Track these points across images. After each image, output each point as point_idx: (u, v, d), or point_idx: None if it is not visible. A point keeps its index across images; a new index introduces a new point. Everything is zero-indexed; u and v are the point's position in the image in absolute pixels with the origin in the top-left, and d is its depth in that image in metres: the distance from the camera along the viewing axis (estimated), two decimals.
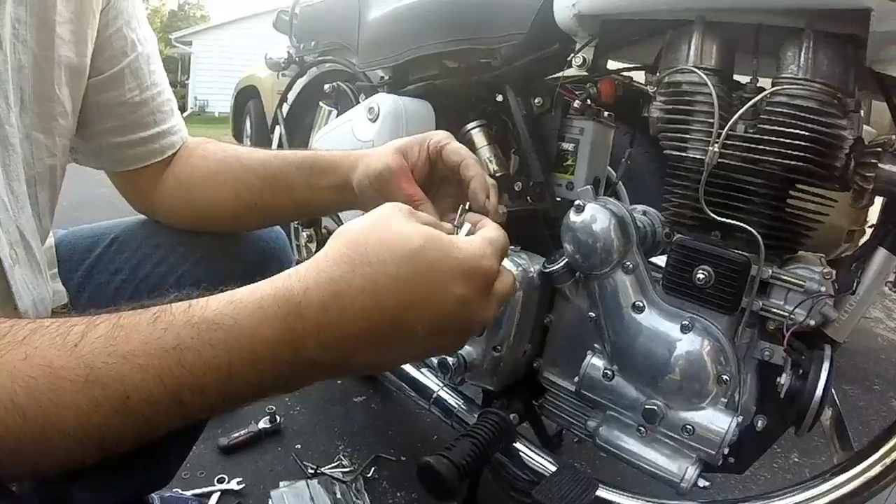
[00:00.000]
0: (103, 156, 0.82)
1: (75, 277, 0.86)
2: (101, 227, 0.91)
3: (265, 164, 0.83)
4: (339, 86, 1.37)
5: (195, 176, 0.85)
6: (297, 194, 0.82)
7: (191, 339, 0.42)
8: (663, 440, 0.89)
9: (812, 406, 0.74)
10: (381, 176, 0.73)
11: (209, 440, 1.50)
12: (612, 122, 1.17)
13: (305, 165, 0.82)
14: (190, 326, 0.42)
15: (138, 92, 0.80)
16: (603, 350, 0.95)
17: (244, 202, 0.84)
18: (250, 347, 0.42)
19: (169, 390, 0.41)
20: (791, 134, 0.77)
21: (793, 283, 0.79)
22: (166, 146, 0.85)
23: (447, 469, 0.86)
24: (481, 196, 0.70)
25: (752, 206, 0.81)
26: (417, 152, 0.75)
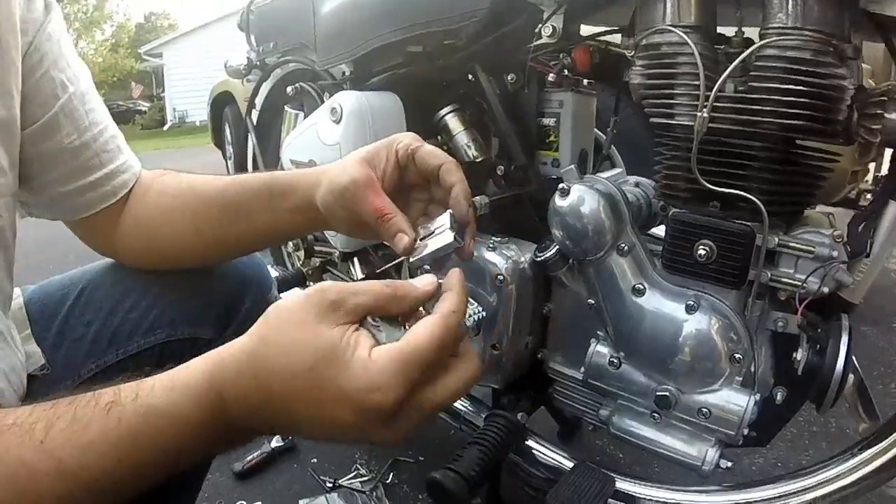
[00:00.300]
0: (55, 207, 0.77)
1: (49, 336, 0.81)
2: (69, 278, 0.86)
3: (222, 194, 0.78)
4: (301, 87, 1.29)
5: (153, 215, 0.80)
6: (258, 222, 0.76)
7: (141, 428, 0.46)
8: (679, 425, 0.84)
9: (833, 382, 0.69)
10: (346, 191, 0.66)
11: (223, 467, 1.46)
12: (593, 90, 1.09)
13: (263, 190, 0.76)
14: (139, 416, 0.46)
15: (77, 136, 0.74)
16: (607, 337, 0.90)
17: (206, 237, 0.79)
18: (190, 431, 0.47)
19: (129, 469, 0.46)
20: (786, 90, 0.70)
21: (802, 249, 0.73)
22: (118, 186, 0.79)
23: (455, 483, 0.82)
24: (464, 205, 0.64)
25: (751, 172, 0.74)
26: (385, 159, 0.68)
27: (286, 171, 0.78)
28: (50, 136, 0.72)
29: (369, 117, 1.07)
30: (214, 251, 0.82)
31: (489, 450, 0.88)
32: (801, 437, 1.46)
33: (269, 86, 1.62)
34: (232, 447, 0.51)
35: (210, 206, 0.78)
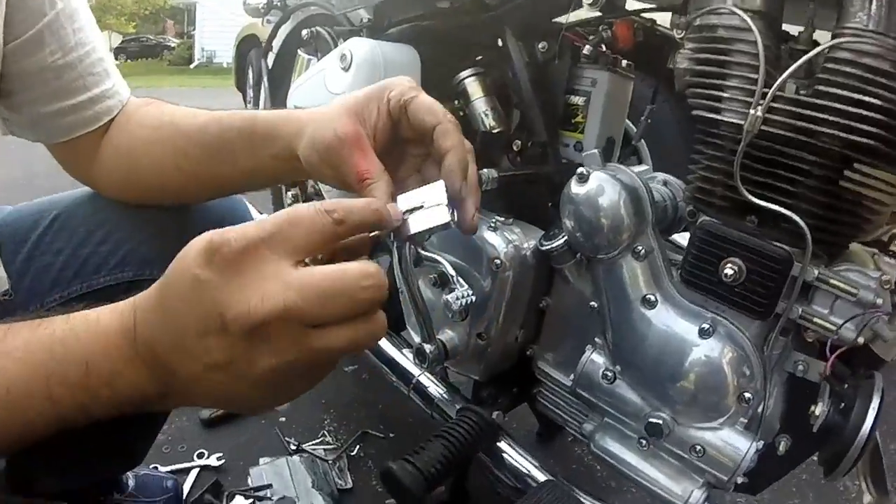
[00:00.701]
0: (35, 127, 0.75)
1: (17, 261, 0.78)
2: (45, 204, 0.82)
3: (202, 131, 0.71)
4: (317, 31, 1.18)
5: (134, 145, 0.76)
6: (240, 164, 0.69)
7: (62, 331, 0.45)
8: (667, 457, 0.75)
9: (853, 449, 0.59)
10: (330, 147, 0.57)
11: (192, 413, 1.41)
12: (632, 72, 0.98)
13: (245, 131, 0.68)
14: (64, 322, 0.46)
15: (61, 54, 0.71)
16: (605, 346, 0.80)
17: (185, 174, 0.73)
18: (101, 338, 0.45)
19: (41, 384, 0.43)
20: (856, 101, 0.58)
21: (843, 289, 0.62)
22: (101, 112, 0.75)
23: (412, 479, 0.74)
24: (458, 177, 0.54)
25: (800, 189, 0.63)
26: (376, 111, 0.58)
27: (269, 113, 0.69)
28: (33, 53, 0.69)
29: (381, 69, 0.96)
30: (196, 188, 0.76)
31: (455, 447, 0.80)
32: (788, 482, 1.35)
33: (287, 28, 1.51)
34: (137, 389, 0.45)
35: (191, 143, 0.72)
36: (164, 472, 1.24)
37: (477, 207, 0.55)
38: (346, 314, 0.40)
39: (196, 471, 1.26)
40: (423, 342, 0.91)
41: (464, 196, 0.54)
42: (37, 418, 0.44)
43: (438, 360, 0.90)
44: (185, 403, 0.46)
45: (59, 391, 0.44)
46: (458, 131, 0.55)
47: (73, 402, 0.44)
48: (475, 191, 0.55)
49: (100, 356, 0.44)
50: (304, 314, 0.38)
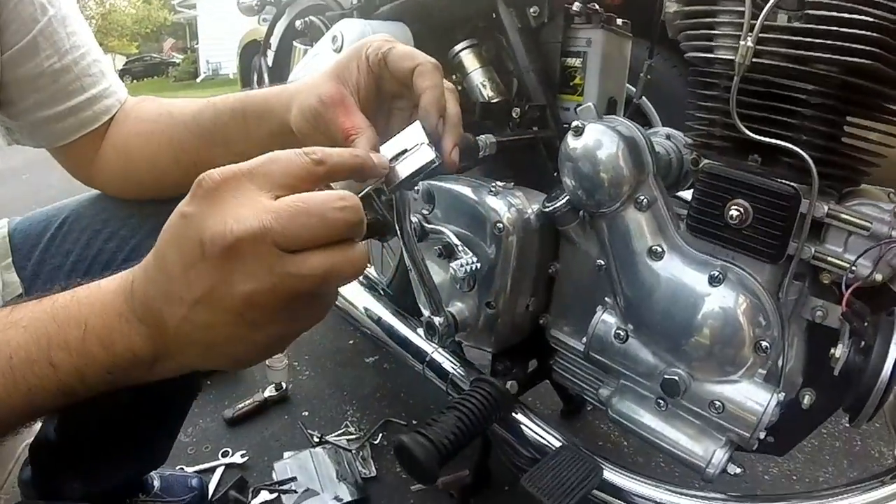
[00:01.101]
0: (37, 133, 0.76)
1: (29, 266, 0.80)
2: (54, 209, 0.85)
3: (197, 118, 0.73)
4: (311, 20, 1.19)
5: (131, 142, 0.77)
6: (235, 148, 0.70)
7: (65, 299, 0.47)
8: (687, 417, 0.73)
9: (876, 390, 0.56)
10: (317, 113, 0.58)
11: (215, 413, 1.42)
12: (629, 30, 0.96)
13: (238, 112, 0.69)
14: (68, 293, 0.47)
15: (57, 58, 0.72)
16: (615, 305, 0.79)
17: (183, 164, 0.74)
18: (101, 298, 0.46)
19: (42, 349, 0.44)
20: (850, 21, 0.56)
21: (856, 223, 0.60)
22: (100, 112, 0.76)
23: (425, 453, 0.73)
24: (434, 115, 0.53)
25: (801, 121, 0.61)
26: (356, 69, 0.58)
27: (259, 91, 0.69)
28: (29, 59, 0.70)
29: None
30: (193, 177, 0.76)
31: (468, 418, 0.79)
32: (821, 450, 1.31)
33: (283, 24, 1.53)
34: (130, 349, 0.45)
35: (186, 131, 0.73)
36: (190, 472, 1.25)
37: (456, 144, 0.54)
38: (320, 236, 0.39)
39: (221, 469, 1.26)
40: (432, 315, 0.90)
41: (441, 133, 0.53)
42: (38, 386, 0.45)
43: (448, 333, 0.89)
44: (176, 366, 0.46)
45: (58, 355, 0.44)
46: (436, 71, 0.55)
47: (71, 367, 0.45)
48: (454, 127, 0.55)
49: (97, 316, 0.45)
50: (276, 234, 0.38)
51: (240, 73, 3.99)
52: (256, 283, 0.38)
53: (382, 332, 1.16)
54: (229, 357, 0.44)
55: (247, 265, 0.38)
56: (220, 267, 0.38)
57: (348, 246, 0.41)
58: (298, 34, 1.28)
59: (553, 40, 0.93)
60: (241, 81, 3.99)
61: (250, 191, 0.40)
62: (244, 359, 0.45)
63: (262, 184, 0.40)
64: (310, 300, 0.42)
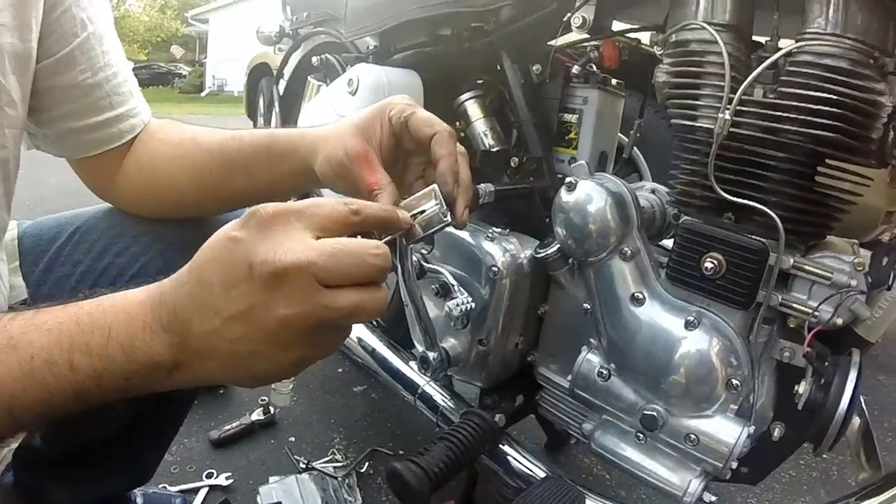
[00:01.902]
0: (61, 142, 0.78)
1: (36, 271, 0.82)
2: (66, 217, 0.87)
3: (222, 148, 0.78)
4: (326, 58, 1.27)
5: (155, 162, 0.81)
6: (257, 178, 0.76)
7: (90, 305, 0.49)
8: (665, 449, 0.79)
9: (835, 421, 0.63)
10: (342, 164, 0.65)
11: (201, 433, 1.45)
12: (622, 90, 1.05)
13: (262, 148, 0.75)
14: (93, 299, 0.50)
15: (91, 74, 0.75)
16: (599, 346, 0.85)
17: (204, 188, 0.79)
18: (126, 307, 0.49)
19: (64, 351, 0.47)
20: (818, 98, 0.65)
21: (818, 274, 0.67)
22: (125, 130, 0.80)
23: (416, 478, 0.78)
24: (450, 180, 0.61)
25: (771, 185, 0.69)
26: (379, 127, 0.66)
27: (286, 131, 0.76)
28: (64, 71, 0.73)
29: (385, 92, 1.04)
30: (212, 203, 0.82)
31: (457, 448, 0.84)
32: (798, 480, 1.38)
33: (298, 56, 1.61)
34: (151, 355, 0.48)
35: (210, 158, 0.78)
36: (173, 491, 1.27)
37: (468, 206, 0.62)
38: (354, 276, 0.45)
39: (205, 490, 1.28)
40: (427, 350, 0.96)
41: (455, 196, 0.61)
42: (56, 387, 0.47)
43: (441, 367, 0.95)
44: (194, 377, 0.49)
45: (79, 358, 0.47)
46: (452, 139, 0.63)
47: (90, 370, 0.47)
48: (466, 191, 0.62)
49: (121, 322, 0.48)
50: (318, 269, 0.44)
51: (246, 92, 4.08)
52: (294, 309, 0.44)
53: (375, 362, 1.21)
54: (249, 372, 0.48)
55: (288, 292, 0.44)
56: (264, 289, 0.44)
57: (375, 288, 0.47)
58: (313, 69, 1.35)
59: (552, 96, 1.01)
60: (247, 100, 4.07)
61: (297, 228, 0.46)
62: (263, 376, 0.49)
63: (307, 224, 0.46)
64: (332, 331, 0.49)
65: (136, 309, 0.49)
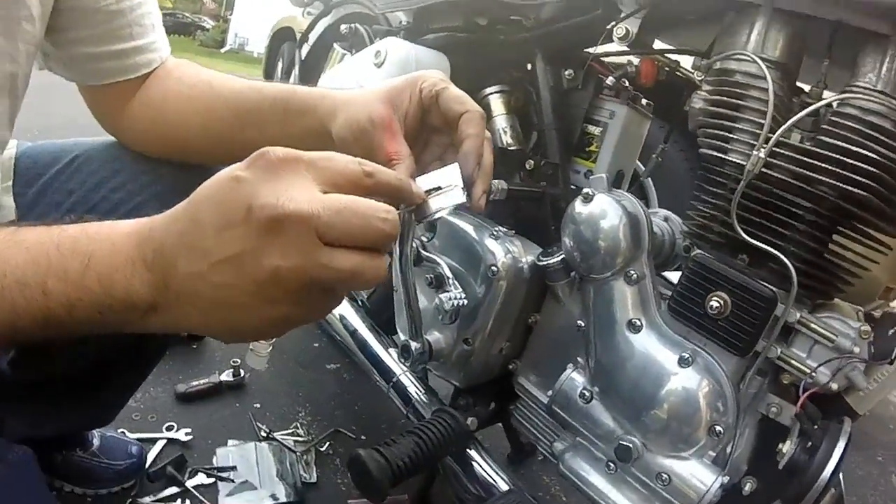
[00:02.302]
0: (75, 66, 0.75)
1: (28, 193, 0.79)
2: (67, 144, 0.84)
3: (238, 96, 0.75)
4: (356, 28, 1.23)
5: (167, 100, 0.78)
6: (268, 134, 0.72)
7: (74, 230, 0.47)
8: (633, 483, 0.77)
9: (815, 488, 0.61)
10: (364, 129, 0.62)
11: (168, 385, 1.42)
12: (650, 111, 1.02)
13: (279, 102, 0.72)
14: (79, 224, 0.47)
15: (115, 0, 0.72)
16: (586, 366, 0.83)
17: (213, 134, 0.76)
18: (111, 236, 0.46)
19: (39, 273, 0.44)
20: (857, 154, 0.62)
21: (822, 334, 0.65)
22: (141, 63, 0.77)
23: (378, 469, 0.75)
24: (473, 161, 0.58)
25: (792, 233, 0.67)
26: (409, 98, 0.63)
27: (306, 89, 0.73)
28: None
29: (413, 69, 1.00)
30: (220, 151, 0.78)
31: (425, 445, 0.82)
32: None
33: (326, 23, 1.57)
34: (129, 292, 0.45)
35: (223, 105, 0.75)
36: (131, 438, 1.24)
37: (486, 190, 0.59)
38: (357, 238, 0.42)
39: (163, 442, 1.25)
40: (410, 339, 0.93)
41: (474, 179, 0.58)
42: (25, 310, 0.45)
43: (422, 359, 0.92)
44: (171, 321, 0.46)
45: (53, 283, 0.44)
46: (482, 121, 0.60)
47: (63, 297, 0.45)
48: (487, 176, 0.59)
49: (104, 253, 0.45)
50: (321, 224, 0.40)
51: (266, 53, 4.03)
52: (288, 261, 0.41)
53: (354, 343, 1.18)
54: (228, 325, 0.45)
55: (285, 242, 0.40)
56: (259, 235, 0.41)
57: (376, 255, 0.43)
58: (339, 37, 1.32)
59: (580, 105, 0.98)
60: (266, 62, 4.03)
61: (306, 178, 0.42)
62: (243, 330, 0.46)
63: (316, 175, 0.43)
64: (323, 293, 0.45)
65: (122, 241, 0.46)
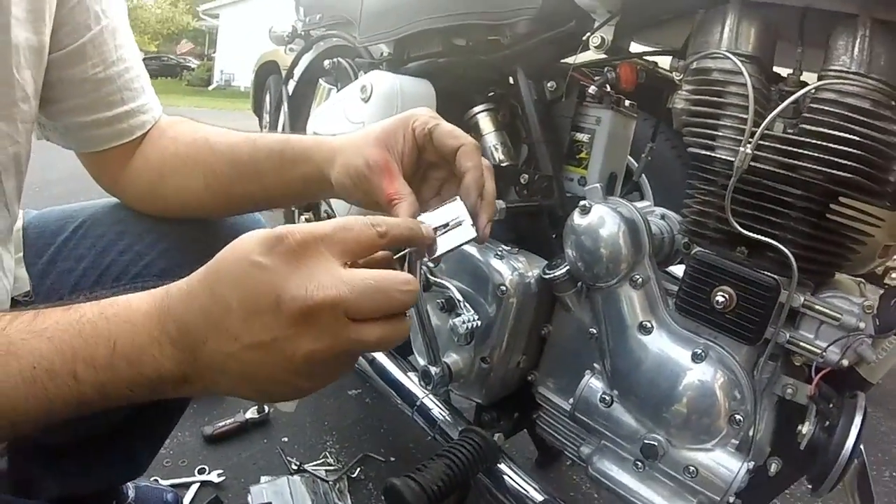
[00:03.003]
0: (70, 135, 0.76)
1: (39, 263, 0.80)
2: (71, 210, 0.85)
3: (234, 150, 0.76)
4: (339, 62, 1.25)
5: (165, 161, 0.79)
6: (268, 184, 0.74)
7: (92, 313, 0.47)
8: (662, 479, 0.78)
9: (837, 465, 0.62)
10: (361, 174, 0.63)
11: (194, 428, 1.43)
12: (635, 112, 1.03)
13: (275, 153, 0.73)
14: (94, 305, 0.48)
15: (102, 68, 0.73)
16: (603, 371, 0.84)
17: (213, 191, 0.77)
18: (131, 318, 0.47)
19: (67, 361, 0.45)
20: (839, 138, 0.63)
21: (828, 314, 0.66)
22: (135, 126, 0.78)
23: (414, 496, 0.77)
24: (475, 194, 0.59)
25: (787, 221, 0.68)
26: (402, 139, 0.64)
27: (301, 138, 0.74)
28: (75, 64, 0.71)
29: (398, 101, 1.02)
30: (221, 205, 0.80)
31: (457, 466, 0.83)
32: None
33: (309, 58, 1.59)
34: (157, 369, 0.47)
35: (221, 161, 0.76)
36: (165, 485, 1.25)
37: (490, 220, 0.60)
38: (383, 311, 0.44)
39: (196, 486, 1.27)
40: (429, 364, 0.95)
41: (478, 211, 0.59)
42: (57, 396, 0.46)
43: (443, 382, 0.94)
44: (202, 389, 0.48)
45: (83, 370, 0.45)
46: (477, 152, 0.61)
47: (94, 381, 0.46)
48: (490, 206, 0.60)
49: (127, 335, 0.46)
50: (350, 305, 0.43)
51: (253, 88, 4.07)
52: (320, 344, 0.43)
53: (374, 371, 1.20)
54: (261, 393, 0.47)
55: (318, 328, 0.43)
56: (290, 325, 0.42)
57: (400, 319, 0.46)
58: (323, 71, 1.33)
59: (565, 115, 1.00)
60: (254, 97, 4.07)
61: (325, 257, 0.44)
62: (276, 398, 0.48)
63: (334, 251, 0.45)
64: (351, 358, 0.48)
65: (141, 320, 0.47)
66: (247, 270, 0.44)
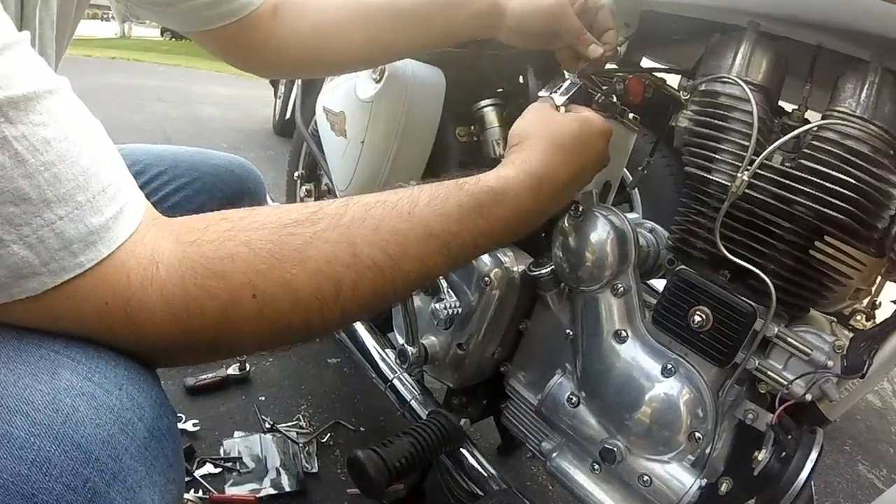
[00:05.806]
0: (192, 15, 0.74)
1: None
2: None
3: (393, 2, 0.78)
4: None
5: (319, 26, 0.78)
6: (434, 27, 0.78)
7: (482, 198, 0.54)
8: (616, 483, 0.76)
9: (789, 495, 0.60)
10: (555, 10, 0.76)
11: (177, 378, 1.41)
12: (637, 125, 1.00)
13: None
14: (485, 192, 0.55)
15: None
16: (574, 372, 0.82)
17: (377, 43, 0.79)
18: (516, 203, 0.57)
19: (473, 237, 0.53)
20: (835, 178, 0.61)
21: (799, 348, 0.64)
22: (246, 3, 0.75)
23: (377, 468, 0.75)
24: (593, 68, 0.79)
25: (772, 252, 0.65)
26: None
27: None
28: None
29: (409, 85, 0.99)
30: (383, 55, 0.85)
31: (421, 445, 0.81)
32: None
33: None
34: (538, 215, 0.61)
35: (383, 14, 0.78)
36: None
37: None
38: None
39: None
40: (407, 344, 0.92)
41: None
42: (461, 262, 0.55)
43: (418, 363, 0.91)
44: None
45: (482, 241, 0.55)
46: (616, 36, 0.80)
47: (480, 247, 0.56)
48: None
49: (513, 209, 0.57)
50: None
51: None
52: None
53: (353, 344, 1.17)
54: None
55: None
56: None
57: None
58: None
59: None
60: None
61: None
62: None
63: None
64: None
65: (520, 194, 0.58)
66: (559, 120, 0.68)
